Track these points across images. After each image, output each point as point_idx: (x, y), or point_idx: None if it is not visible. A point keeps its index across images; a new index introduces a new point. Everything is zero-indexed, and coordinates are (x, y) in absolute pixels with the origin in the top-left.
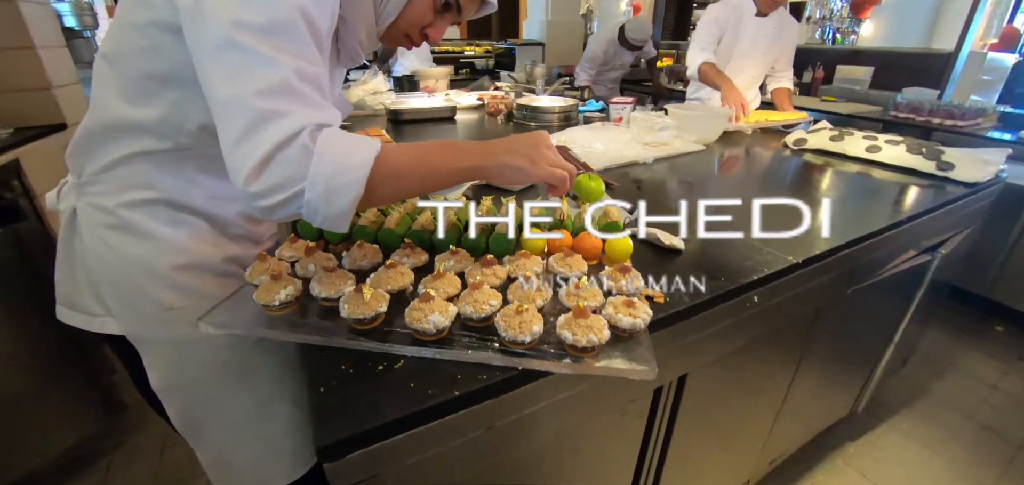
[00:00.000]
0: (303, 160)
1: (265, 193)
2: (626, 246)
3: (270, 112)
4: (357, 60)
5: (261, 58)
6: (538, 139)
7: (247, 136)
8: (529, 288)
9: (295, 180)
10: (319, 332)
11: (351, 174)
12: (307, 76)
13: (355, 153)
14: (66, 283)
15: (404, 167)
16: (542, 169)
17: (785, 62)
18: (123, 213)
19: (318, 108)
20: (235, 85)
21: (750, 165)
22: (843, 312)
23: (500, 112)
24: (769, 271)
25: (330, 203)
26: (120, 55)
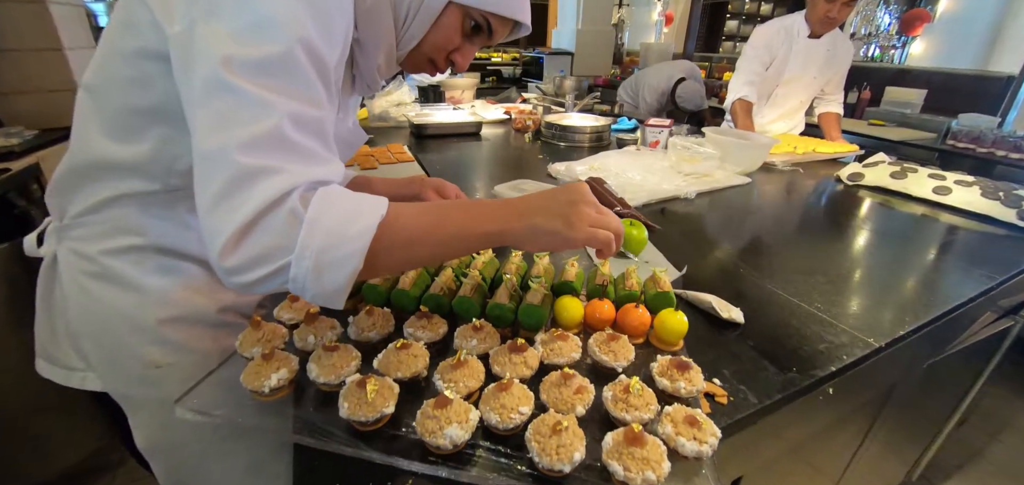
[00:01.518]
0: (291, 228)
1: (242, 267)
2: (680, 325)
3: (256, 169)
4: (375, 88)
5: (251, 102)
6: (576, 194)
7: (226, 197)
8: (568, 390)
9: (280, 252)
10: (313, 430)
11: (348, 246)
12: (305, 122)
13: (355, 220)
14: (45, 334)
15: (415, 235)
16: (582, 232)
17: (836, 85)
18: (107, 261)
19: (316, 163)
20: (218, 135)
21: (803, 205)
22: (916, 387)
23: (528, 129)
24: (849, 359)
25: (320, 280)
26: (104, 87)
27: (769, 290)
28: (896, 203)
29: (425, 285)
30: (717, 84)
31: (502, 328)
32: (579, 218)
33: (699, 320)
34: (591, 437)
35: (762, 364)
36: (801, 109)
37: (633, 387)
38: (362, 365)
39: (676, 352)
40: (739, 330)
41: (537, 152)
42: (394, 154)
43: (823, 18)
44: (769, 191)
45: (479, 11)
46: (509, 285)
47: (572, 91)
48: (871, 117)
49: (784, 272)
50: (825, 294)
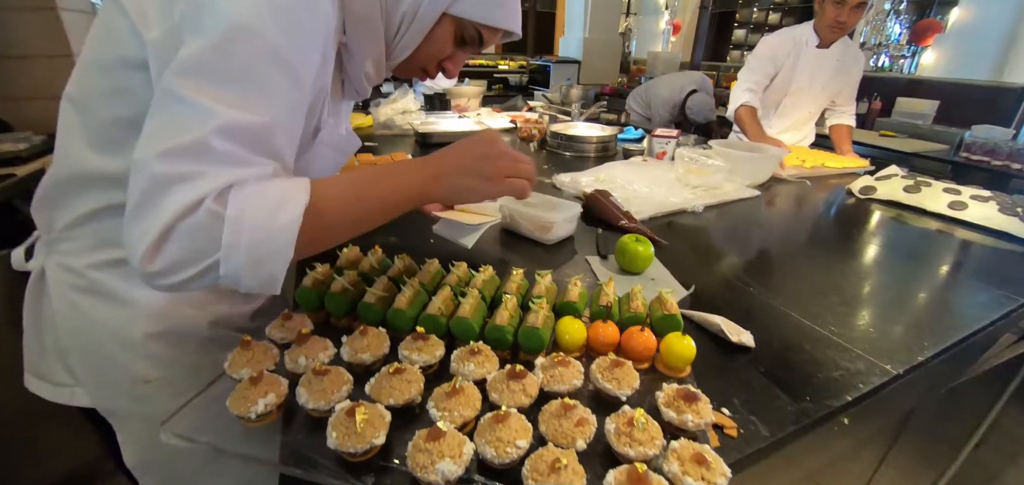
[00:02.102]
0: (212, 229)
1: (165, 272)
2: (687, 351)
3: (172, 176)
4: (363, 93)
5: (192, 111)
6: (490, 147)
7: (141, 206)
8: (568, 422)
9: (203, 253)
10: (300, 460)
11: (279, 237)
12: (242, 130)
13: (280, 211)
14: (33, 349)
15: (341, 213)
16: (499, 185)
17: (847, 96)
18: (94, 274)
19: (239, 167)
20: (146, 145)
21: (814, 219)
22: (933, 411)
23: (533, 138)
24: (866, 388)
25: (256, 273)
26: (86, 98)
27: (781, 311)
28: (910, 218)
29: (422, 303)
30: (724, 93)
31: (501, 350)
32: (495, 171)
33: (707, 343)
34: (593, 473)
35: (774, 393)
36: (810, 120)
37: (637, 420)
38: (354, 389)
39: (683, 379)
40: (750, 355)
41: (542, 162)
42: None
43: (832, 23)
44: (779, 204)
45: (472, 23)
46: (509, 306)
47: (578, 100)
48: (882, 128)
49: (796, 292)
50: (839, 316)
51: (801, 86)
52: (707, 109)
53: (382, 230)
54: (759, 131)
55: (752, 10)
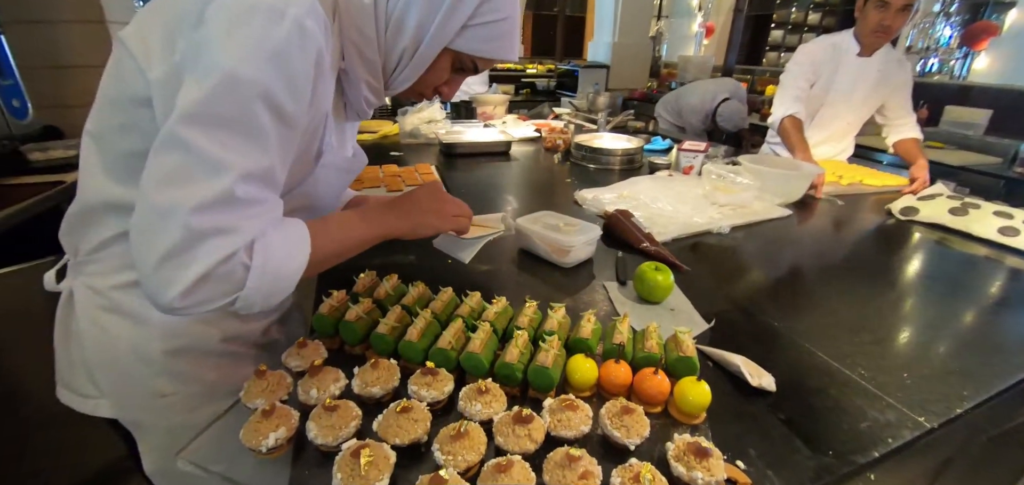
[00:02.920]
0: (239, 275)
1: (191, 307)
2: (702, 397)
3: (209, 230)
4: (364, 115)
5: (205, 160)
6: (434, 192)
7: (179, 255)
8: (572, 474)
9: (229, 293)
10: None
11: (287, 280)
12: (255, 176)
13: (291, 261)
14: (63, 363)
15: (329, 253)
16: (448, 222)
17: (901, 108)
18: (116, 295)
19: (261, 214)
20: (172, 191)
21: (848, 243)
22: (972, 461)
23: (558, 149)
24: (895, 443)
25: (264, 304)
26: (102, 133)
27: (807, 350)
28: (955, 243)
29: (434, 335)
30: (758, 99)
31: (510, 387)
32: (444, 212)
33: (725, 385)
34: None
35: (794, 444)
36: (849, 132)
37: (644, 477)
38: (364, 422)
39: (697, 425)
40: (770, 399)
41: (566, 174)
42: (421, 175)
43: (875, 28)
44: (811, 226)
45: (470, 57)
46: (519, 342)
47: (605, 108)
48: (928, 139)
49: (824, 328)
50: (871, 358)
51: (840, 96)
52: (739, 117)
53: (401, 249)
54: (804, 146)
55: (791, 10)
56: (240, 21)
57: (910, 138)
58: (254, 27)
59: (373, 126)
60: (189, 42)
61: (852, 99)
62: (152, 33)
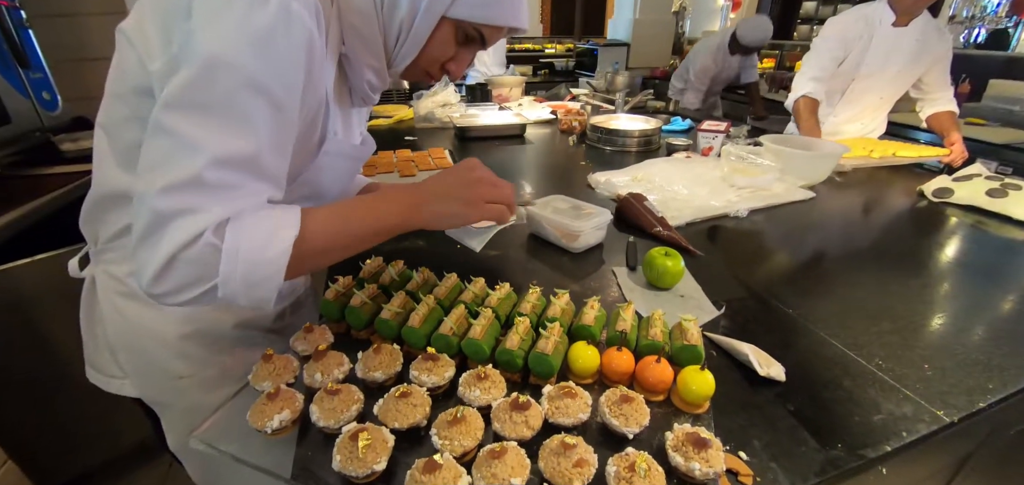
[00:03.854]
0: (210, 258)
1: (169, 294)
2: (705, 387)
3: (173, 211)
4: (370, 101)
5: (181, 144)
6: (468, 172)
7: (146, 237)
8: (567, 461)
9: (203, 279)
10: (308, 476)
11: (269, 267)
12: (234, 161)
13: (271, 244)
14: (89, 344)
15: (325, 243)
16: (478, 209)
17: (938, 81)
18: (133, 282)
19: (237, 198)
20: (145, 178)
21: (875, 227)
22: (996, 458)
23: (574, 130)
24: (909, 438)
25: (250, 296)
26: (111, 124)
27: (821, 339)
28: (992, 226)
29: (437, 320)
30: (787, 76)
31: (511, 373)
32: (475, 196)
33: (732, 374)
34: None
35: (801, 436)
36: (882, 108)
37: (639, 466)
38: (366, 406)
39: (700, 415)
40: (779, 389)
41: (581, 157)
42: (434, 159)
43: None
44: (836, 209)
45: (472, 24)
46: (520, 329)
47: (623, 88)
48: (970, 116)
49: (842, 316)
50: (890, 347)
51: (872, 70)
52: (762, 30)
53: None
54: (813, 129)
55: None
56: (224, 6)
57: (946, 111)
58: (236, 11)
59: (388, 111)
60: (182, 33)
61: (886, 73)
62: (151, 24)
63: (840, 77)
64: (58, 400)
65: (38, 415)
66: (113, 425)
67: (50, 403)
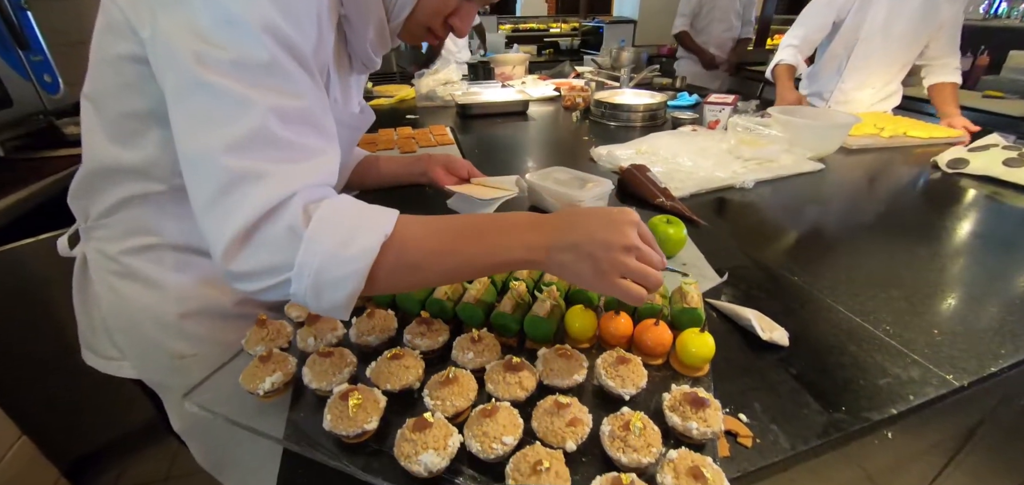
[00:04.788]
0: (290, 245)
1: (246, 276)
2: (704, 349)
3: (246, 172)
4: (372, 65)
5: (230, 100)
6: (618, 230)
7: (219, 201)
8: (560, 421)
9: (279, 269)
10: (301, 437)
11: (347, 267)
12: (291, 115)
13: (356, 239)
14: (85, 325)
15: (422, 259)
16: (610, 284)
17: (945, 46)
18: (127, 260)
19: (311, 156)
20: (201, 137)
21: (886, 199)
22: (1007, 427)
23: (577, 107)
24: (916, 400)
25: (319, 299)
26: (100, 94)
27: (827, 305)
28: (1009, 197)
29: (429, 290)
30: None
31: (507, 338)
32: (612, 265)
33: (734, 339)
34: (582, 477)
35: (804, 399)
36: (894, 77)
37: (634, 425)
38: (358, 370)
39: (699, 378)
40: (781, 354)
41: (584, 132)
42: (435, 136)
43: None
44: (845, 180)
45: None
46: (516, 293)
47: (629, 64)
48: (988, 89)
49: (850, 283)
50: (898, 313)
51: (874, 31)
52: None
53: (410, 203)
54: (788, 93)
55: None
56: None
57: (949, 82)
58: None
59: (390, 91)
60: None
61: (891, 34)
62: None
63: (842, 40)
64: (67, 379)
65: (48, 393)
66: (123, 404)
67: (59, 382)
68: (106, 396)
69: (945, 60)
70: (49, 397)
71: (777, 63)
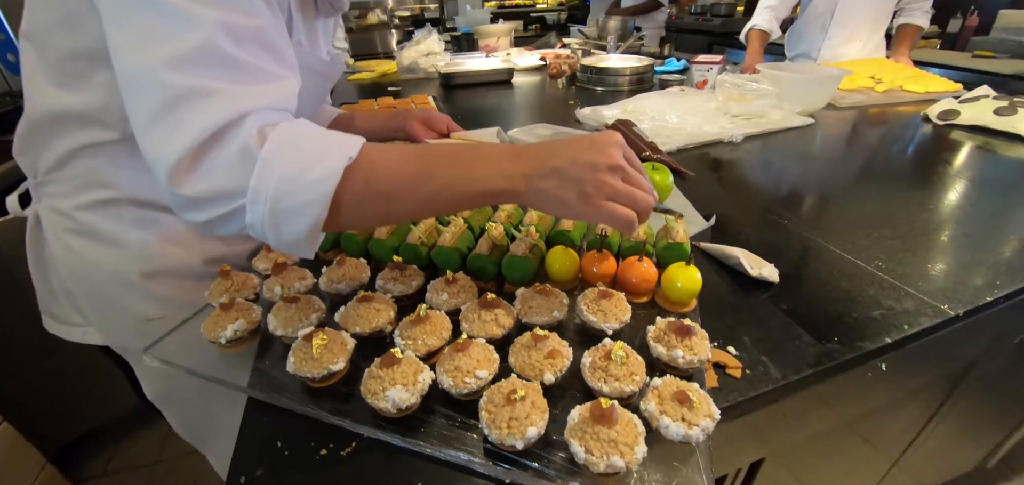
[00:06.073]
0: (243, 167)
1: (196, 203)
2: (690, 282)
3: (190, 89)
4: (340, 5)
5: (174, 14)
6: (602, 151)
7: (161, 119)
8: (538, 354)
9: (232, 194)
10: (265, 384)
11: (307, 193)
12: (241, 33)
13: (317, 164)
14: (43, 290)
15: (393, 187)
16: (595, 207)
17: None
18: (83, 216)
19: (263, 80)
20: (141, 53)
21: (876, 149)
22: (1003, 365)
23: (563, 74)
24: (910, 330)
25: (278, 230)
26: (39, 32)
27: (818, 245)
28: (1001, 147)
29: (404, 233)
30: None
31: (484, 282)
32: (598, 187)
33: (722, 277)
34: (563, 410)
35: (794, 332)
36: (877, 29)
37: (615, 354)
38: (327, 318)
39: (686, 314)
40: (771, 290)
41: (570, 97)
42: (417, 105)
43: None
44: (835, 133)
45: None
46: (493, 233)
47: (615, 31)
48: (978, 49)
49: (840, 224)
50: (891, 251)
51: None
52: None
53: None
54: (750, 60)
55: None
56: None
57: (914, 23)
58: None
59: (371, 66)
60: None
61: None
62: None
63: None
64: (51, 361)
65: (31, 376)
66: (111, 385)
67: (43, 364)
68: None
69: (918, 4)
70: (28, 380)
71: (752, 27)
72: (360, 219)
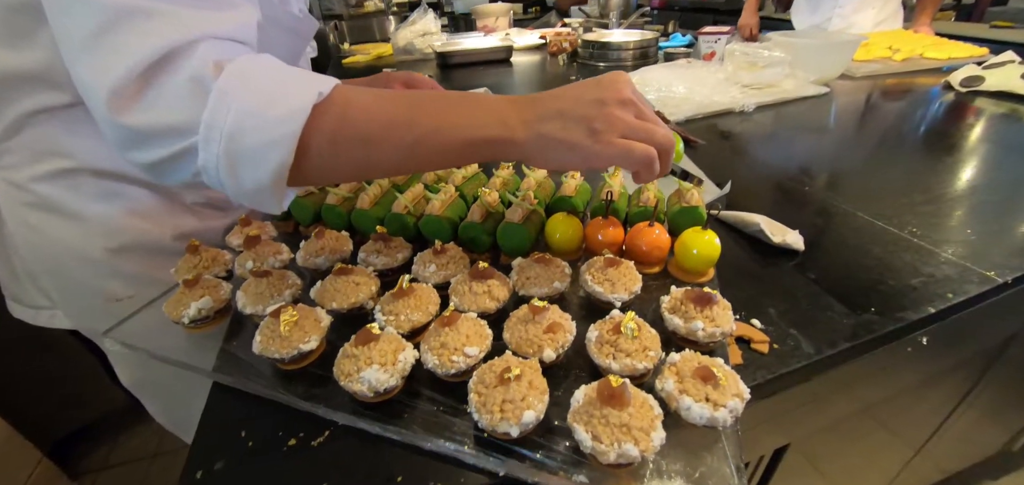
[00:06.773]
0: (194, 98)
1: (139, 139)
2: (708, 248)
3: (130, 8)
4: None
5: None
6: (609, 89)
7: (98, 40)
8: (536, 328)
9: (180, 130)
10: (231, 367)
11: (271, 131)
12: None
13: (283, 99)
14: (4, 274)
15: (372, 128)
16: (606, 145)
17: None
18: (40, 188)
19: (216, 8)
20: None
21: (896, 118)
22: None
23: (563, 51)
24: (956, 299)
25: (236, 174)
26: None
27: (844, 211)
28: None
29: (390, 203)
30: None
31: (478, 253)
32: (610, 124)
33: (742, 247)
34: (566, 391)
35: (825, 302)
36: None
37: (625, 327)
38: (303, 294)
39: (703, 284)
40: (796, 259)
41: (572, 74)
42: None
43: None
44: (852, 102)
45: None
46: (487, 200)
47: (618, 7)
48: (994, 19)
49: (867, 192)
50: (924, 217)
51: None
52: None
53: None
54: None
55: None
56: None
57: None
58: None
59: (366, 49)
60: None
61: None
62: None
63: None
64: (46, 355)
65: (25, 370)
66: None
67: (37, 358)
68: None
69: None
70: (23, 375)
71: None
72: (333, 168)
